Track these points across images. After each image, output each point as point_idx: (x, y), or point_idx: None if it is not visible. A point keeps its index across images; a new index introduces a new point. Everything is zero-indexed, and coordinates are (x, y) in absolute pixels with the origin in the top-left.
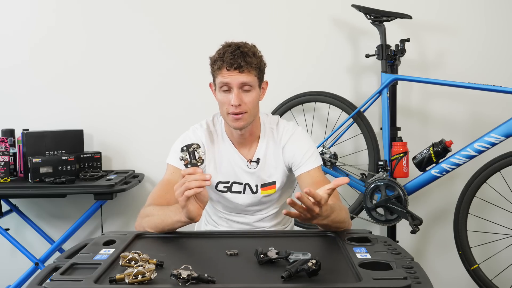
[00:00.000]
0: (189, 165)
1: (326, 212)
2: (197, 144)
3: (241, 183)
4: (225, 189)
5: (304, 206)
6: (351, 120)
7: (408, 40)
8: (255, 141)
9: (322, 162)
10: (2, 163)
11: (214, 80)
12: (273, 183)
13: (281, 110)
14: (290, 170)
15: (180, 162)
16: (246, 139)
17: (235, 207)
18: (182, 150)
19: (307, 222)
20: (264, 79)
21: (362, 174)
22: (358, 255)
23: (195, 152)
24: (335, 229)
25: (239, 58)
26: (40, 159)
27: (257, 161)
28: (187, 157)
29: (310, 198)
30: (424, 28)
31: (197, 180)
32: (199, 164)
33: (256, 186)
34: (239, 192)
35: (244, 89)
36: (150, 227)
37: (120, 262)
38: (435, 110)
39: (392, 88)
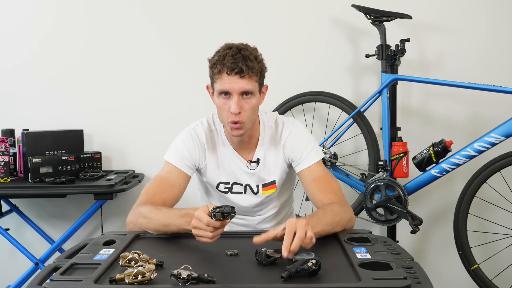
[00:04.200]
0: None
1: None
2: (234, 212)
3: (241, 184)
4: (226, 190)
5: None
6: (351, 120)
7: (408, 40)
8: (255, 142)
9: (322, 155)
10: (2, 163)
11: (212, 83)
12: (273, 182)
13: (281, 110)
14: (290, 166)
15: (178, 161)
16: (245, 142)
17: (237, 209)
18: (217, 212)
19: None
20: (264, 83)
21: (362, 174)
22: (358, 255)
23: (229, 217)
24: (333, 232)
25: (240, 62)
26: (40, 159)
27: (257, 161)
28: (220, 217)
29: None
30: (424, 28)
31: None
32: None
33: (257, 186)
34: (240, 193)
35: (244, 96)
36: (150, 229)
37: (120, 262)
38: (435, 110)
39: (392, 88)
